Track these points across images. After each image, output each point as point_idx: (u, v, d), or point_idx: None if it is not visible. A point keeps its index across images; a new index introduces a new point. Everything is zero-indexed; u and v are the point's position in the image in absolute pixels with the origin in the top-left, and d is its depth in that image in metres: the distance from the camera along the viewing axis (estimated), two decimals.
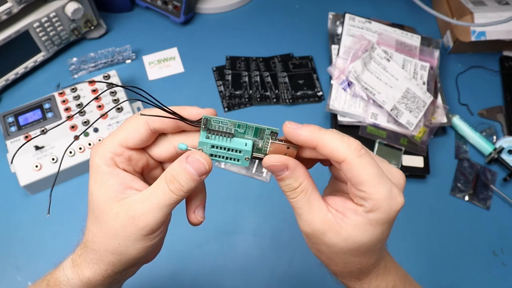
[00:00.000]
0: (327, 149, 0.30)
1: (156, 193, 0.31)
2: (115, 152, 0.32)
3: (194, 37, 0.84)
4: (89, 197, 0.34)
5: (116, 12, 0.86)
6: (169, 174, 0.31)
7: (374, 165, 0.30)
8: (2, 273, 0.63)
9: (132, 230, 0.31)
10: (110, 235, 0.32)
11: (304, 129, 0.31)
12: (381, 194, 0.30)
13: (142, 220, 0.31)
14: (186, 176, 0.31)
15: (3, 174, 0.69)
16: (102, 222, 0.32)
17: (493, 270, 0.67)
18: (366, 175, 0.29)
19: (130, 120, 0.33)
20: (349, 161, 0.29)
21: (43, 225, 0.66)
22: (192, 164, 0.31)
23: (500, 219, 0.71)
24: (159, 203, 0.31)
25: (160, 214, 0.31)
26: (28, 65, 0.76)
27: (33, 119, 0.69)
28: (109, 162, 0.32)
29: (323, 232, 0.31)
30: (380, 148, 0.71)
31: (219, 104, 0.77)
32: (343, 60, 0.74)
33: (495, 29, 0.77)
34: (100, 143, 0.33)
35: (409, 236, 0.69)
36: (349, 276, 0.35)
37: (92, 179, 0.33)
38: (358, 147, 0.30)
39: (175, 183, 0.31)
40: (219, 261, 0.66)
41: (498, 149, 0.74)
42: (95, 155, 0.32)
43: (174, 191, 0.31)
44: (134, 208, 0.31)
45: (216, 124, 0.32)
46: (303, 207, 0.32)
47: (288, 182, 0.32)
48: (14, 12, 0.67)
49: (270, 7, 0.89)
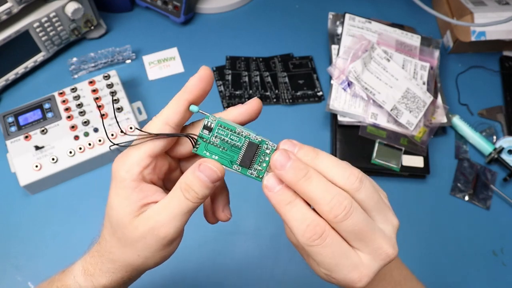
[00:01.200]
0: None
1: (173, 203, 0.31)
2: (145, 165, 0.32)
3: (194, 37, 0.84)
4: (107, 209, 0.33)
5: (116, 12, 0.86)
6: (183, 183, 0.31)
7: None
8: (2, 273, 0.63)
9: (152, 241, 0.31)
10: (130, 247, 0.32)
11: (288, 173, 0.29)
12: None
13: (162, 230, 0.31)
14: (200, 183, 0.31)
15: (3, 174, 0.69)
16: (120, 235, 0.32)
17: (493, 270, 0.67)
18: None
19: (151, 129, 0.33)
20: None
21: (43, 225, 0.66)
22: (205, 172, 0.31)
23: (500, 219, 0.71)
24: (176, 212, 0.31)
25: (179, 223, 0.31)
26: (28, 65, 0.76)
27: (33, 119, 0.69)
28: (138, 177, 0.32)
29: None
30: (380, 148, 0.71)
31: (219, 104, 0.77)
32: (343, 60, 0.74)
33: (495, 29, 0.77)
34: (126, 155, 0.32)
35: (409, 236, 0.69)
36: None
37: (114, 192, 0.32)
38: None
39: (190, 191, 0.31)
40: (219, 261, 0.66)
41: (498, 149, 0.74)
42: (121, 168, 0.32)
43: (190, 199, 0.31)
44: (154, 219, 0.31)
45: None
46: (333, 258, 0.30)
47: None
48: (14, 12, 0.67)
49: (270, 7, 0.89)
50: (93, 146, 0.68)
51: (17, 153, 0.66)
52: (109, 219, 0.33)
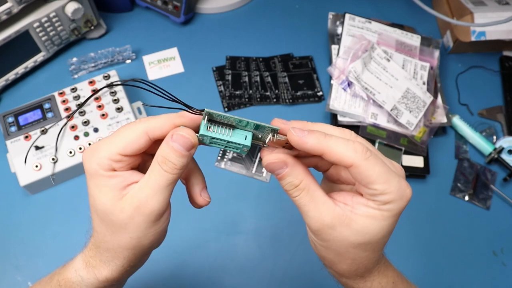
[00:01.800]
0: (334, 156, 0.30)
1: (153, 178, 0.32)
2: (114, 159, 0.32)
3: (194, 37, 0.84)
4: (91, 201, 0.34)
5: (116, 12, 0.86)
6: (159, 156, 0.31)
7: (381, 163, 0.30)
8: (2, 273, 0.63)
9: (140, 219, 0.32)
10: (120, 231, 0.32)
11: (310, 138, 0.31)
12: (392, 188, 0.30)
13: (147, 207, 0.31)
14: (175, 153, 0.31)
15: (3, 174, 0.69)
16: (109, 222, 0.32)
17: (493, 270, 0.67)
18: (375, 175, 0.30)
19: (128, 129, 0.33)
20: (357, 165, 0.30)
21: (43, 225, 0.66)
22: (178, 141, 0.31)
23: (500, 219, 0.71)
24: (158, 186, 0.31)
25: (162, 196, 0.32)
26: (28, 65, 0.76)
27: (33, 119, 0.69)
28: (108, 168, 0.32)
29: (333, 226, 0.31)
30: (380, 148, 0.71)
31: (219, 104, 0.77)
32: (343, 60, 0.74)
33: (495, 29, 0.77)
34: (95, 148, 0.33)
35: (409, 236, 0.69)
36: (354, 275, 0.35)
37: (92, 183, 0.33)
38: (364, 149, 0.30)
39: (167, 163, 0.31)
40: (219, 261, 0.66)
41: (498, 149, 0.74)
42: (90, 160, 0.33)
43: (169, 170, 0.31)
44: (137, 198, 0.31)
45: (218, 117, 0.32)
46: (308, 204, 0.32)
47: (289, 180, 0.32)
48: (14, 12, 0.67)
49: (270, 7, 0.89)
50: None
51: (17, 153, 0.66)
52: (94, 210, 0.33)
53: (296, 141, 0.31)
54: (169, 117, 0.33)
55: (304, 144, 0.31)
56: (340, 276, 0.36)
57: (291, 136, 0.31)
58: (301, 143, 0.31)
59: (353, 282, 0.36)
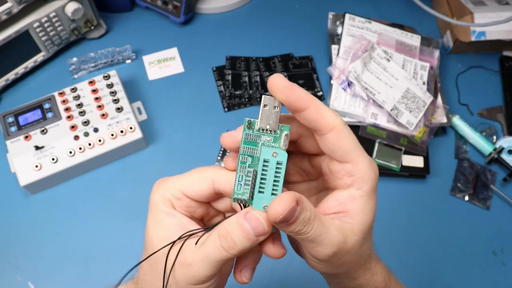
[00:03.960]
0: (319, 113, 0.28)
1: (207, 246, 0.28)
2: (175, 195, 0.31)
3: (194, 37, 0.84)
4: (145, 234, 0.32)
5: (116, 12, 0.86)
6: (223, 229, 0.28)
7: (353, 135, 0.30)
8: (2, 273, 0.63)
9: (180, 276, 0.29)
10: (160, 276, 0.30)
11: (298, 88, 0.28)
12: (365, 162, 0.29)
13: (190, 269, 0.29)
14: (241, 234, 0.28)
15: (3, 174, 0.69)
16: (153, 262, 0.31)
17: (493, 270, 0.67)
18: (352, 144, 0.29)
19: (198, 171, 0.31)
20: (340, 128, 0.28)
21: (43, 225, 0.66)
22: (250, 222, 0.28)
23: (500, 219, 0.71)
24: (208, 257, 0.28)
25: (209, 267, 0.28)
26: (28, 65, 0.76)
27: (33, 119, 0.69)
28: (168, 203, 0.31)
29: (344, 241, 0.29)
30: (380, 148, 0.71)
31: (219, 104, 0.77)
32: (343, 60, 0.74)
33: (495, 29, 0.77)
34: (164, 180, 0.31)
35: (409, 236, 0.69)
36: (361, 269, 0.34)
37: (150, 216, 0.31)
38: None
39: (228, 239, 0.28)
40: None
41: (498, 149, 0.74)
42: (156, 192, 0.31)
43: (226, 248, 0.28)
44: (184, 255, 0.29)
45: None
46: (321, 233, 0.28)
47: (302, 217, 0.27)
48: (14, 12, 0.67)
49: (270, 7, 0.89)
50: (93, 146, 0.68)
51: (17, 153, 0.66)
52: (145, 244, 0.32)
53: (284, 86, 0.28)
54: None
55: (293, 92, 0.28)
56: (348, 278, 0.34)
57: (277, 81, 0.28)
58: (290, 90, 0.28)
59: (362, 277, 0.34)
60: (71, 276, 0.64)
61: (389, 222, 0.69)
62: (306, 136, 0.32)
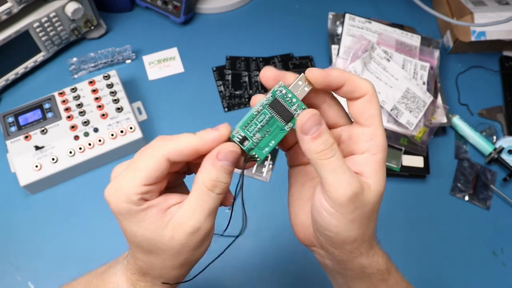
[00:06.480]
0: (354, 83, 0.31)
1: (205, 203, 0.30)
2: (141, 191, 0.30)
3: (194, 37, 0.84)
4: (129, 238, 0.32)
5: (116, 12, 0.86)
6: (208, 181, 0.30)
7: (379, 103, 0.32)
8: (2, 273, 0.63)
9: (194, 243, 0.31)
10: (174, 256, 0.32)
11: (334, 70, 0.31)
12: (383, 131, 0.32)
13: (201, 232, 0.31)
14: (225, 173, 0.31)
15: (3, 174, 0.69)
16: (158, 251, 0.31)
17: (493, 270, 0.67)
18: (378, 110, 0.32)
19: (146, 157, 0.31)
20: (371, 94, 0.31)
21: (43, 225, 0.66)
22: (228, 158, 0.30)
23: (500, 219, 0.71)
24: (209, 210, 0.31)
25: (213, 217, 0.31)
26: (28, 65, 0.76)
27: (33, 119, 0.69)
28: (139, 203, 0.30)
29: (361, 190, 0.30)
30: None
31: (219, 104, 0.77)
32: (343, 60, 0.74)
33: (495, 29, 0.77)
34: (117, 187, 0.30)
35: (409, 236, 0.69)
36: (366, 244, 0.33)
37: (127, 223, 0.31)
38: None
39: (220, 184, 0.30)
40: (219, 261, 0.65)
41: (498, 149, 0.74)
42: (117, 201, 0.30)
43: (222, 192, 0.31)
44: (188, 225, 0.30)
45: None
46: (342, 165, 0.30)
47: (326, 137, 0.30)
48: (14, 12, 0.67)
49: (270, 7, 0.89)
50: (93, 146, 0.68)
51: (17, 153, 0.66)
52: (135, 244, 0.32)
53: (321, 73, 0.31)
54: (189, 141, 0.31)
55: (329, 74, 0.31)
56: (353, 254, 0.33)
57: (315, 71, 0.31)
58: (325, 74, 0.31)
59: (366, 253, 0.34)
60: (71, 276, 0.63)
61: (389, 222, 0.69)
62: (328, 105, 0.34)
